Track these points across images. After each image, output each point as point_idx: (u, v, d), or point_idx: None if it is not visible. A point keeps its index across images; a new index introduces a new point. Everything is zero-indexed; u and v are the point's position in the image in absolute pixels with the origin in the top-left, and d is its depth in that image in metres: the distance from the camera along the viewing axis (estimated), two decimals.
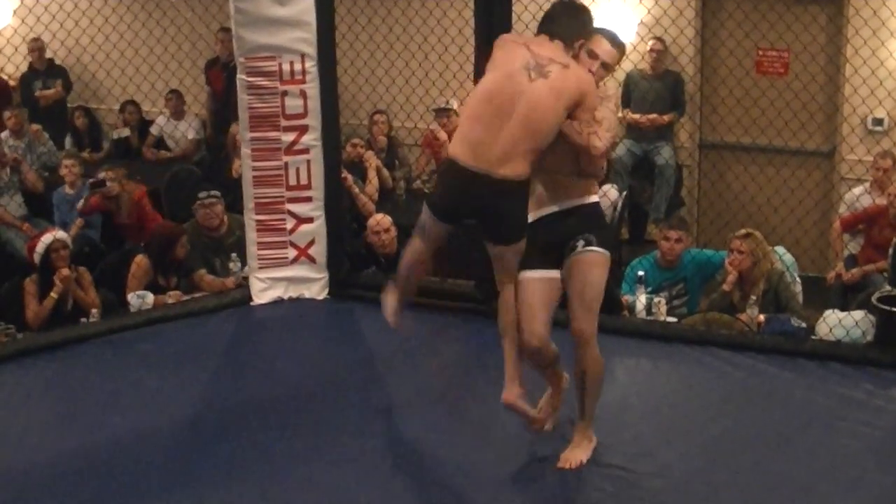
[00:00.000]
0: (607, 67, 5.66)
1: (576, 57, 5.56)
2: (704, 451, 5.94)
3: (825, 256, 10.39)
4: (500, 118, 5.37)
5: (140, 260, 8.59)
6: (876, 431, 6.16)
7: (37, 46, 12.73)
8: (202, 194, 8.97)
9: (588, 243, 5.65)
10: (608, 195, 10.33)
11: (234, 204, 8.85)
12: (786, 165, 10.42)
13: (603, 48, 5.61)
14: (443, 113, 11.18)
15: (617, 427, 6.22)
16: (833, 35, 10.60)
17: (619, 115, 10.74)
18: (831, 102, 10.72)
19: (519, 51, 5.47)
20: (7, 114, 11.98)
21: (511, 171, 5.38)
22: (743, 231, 8.35)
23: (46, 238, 8.52)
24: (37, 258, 8.47)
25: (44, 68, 13.01)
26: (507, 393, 5.75)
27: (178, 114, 12.46)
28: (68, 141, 12.62)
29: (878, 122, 10.50)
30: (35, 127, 12.01)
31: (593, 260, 5.66)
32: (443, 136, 11.21)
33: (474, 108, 5.53)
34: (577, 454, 5.84)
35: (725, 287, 8.23)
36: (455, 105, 10.96)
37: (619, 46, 5.70)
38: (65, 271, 8.34)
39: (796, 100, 9.86)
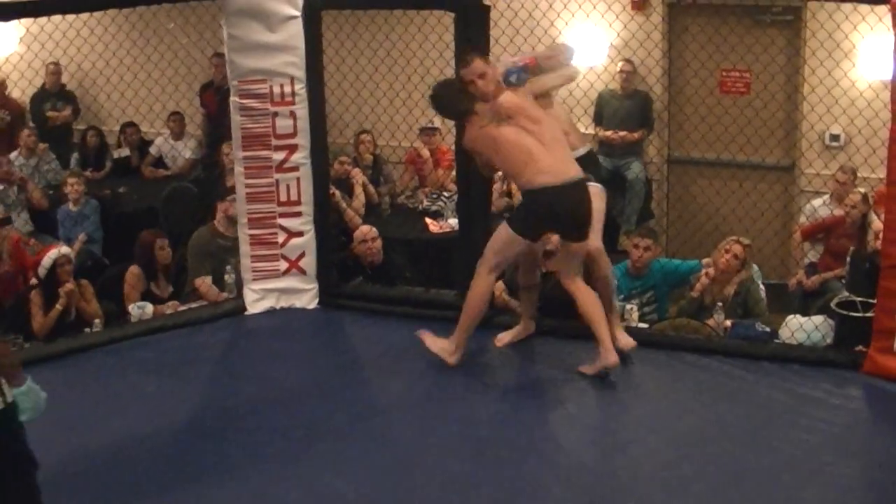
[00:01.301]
0: (481, 77, 6.69)
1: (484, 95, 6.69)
2: (674, 446, 5.99)
3: (786, 264, 10.42)
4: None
5: (132, 269, 8.63)
6: (834, 427, 6.21)
7: (55, 70, 12.76)
8: (230, 198, 8.97)
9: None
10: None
11: None
12: (748, 179, 10.46)
13: (464, 75, 6.76)
14: (427, 131, 11.21)
15: (591, 425, 6.28)
16: (791, 56, 10.64)
17: (591, 131, 10.92)
18: (790, 119, 10.75)
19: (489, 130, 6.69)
20: (26, 132, 12.03)
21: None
22: (747, 240, 8.40)
23: (52, 253, 8.54)
24: (42, 272, 8.48)
25: (55, 91, 13.04)
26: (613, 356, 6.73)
27: (178, 134, 12.47)
28: (74, 160, 12.61)
29: (835, 137, 10.52)
30: (42, 145, 12.04)
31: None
32: (426, 153, 11.25)
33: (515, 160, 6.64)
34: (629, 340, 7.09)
35: (694, 293, 8.24)
36: (438, 124, 10.99)
37: (466, 63, 6.77)
38: (69, 285, 8.35)
39: (757, 117, 9.91)
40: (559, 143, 6.68)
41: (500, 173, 8.06)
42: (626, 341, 7.11)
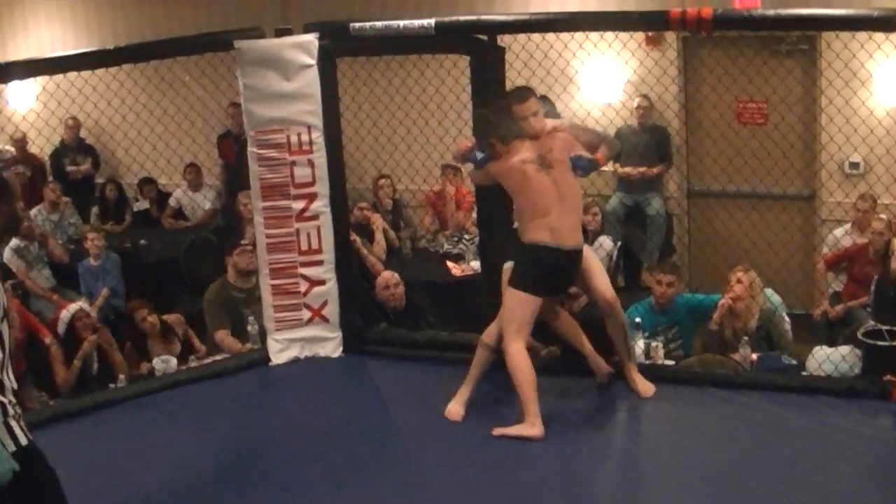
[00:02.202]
0: (535, 115, 6.83)
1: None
2: (704, 484, 5.91)
3: (810, 294, 10.39)
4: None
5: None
6: (867, 459, 6.14)
7: (74, 125, 12.87)
8: (244, 241, 8.99)
9: None
10: (603, 246, 10.40)
11: None
12: (769, 210, 10.45)
13: (519, 111, 6.85)
14: (450, 170, 11.23)
15: (620, 463, 6.24)
16: (808, 85, 10.64)
17: (610, 168, 10.94)
18: (809, 149, 10.75)
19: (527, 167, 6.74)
20: (50, 186, 12.11)
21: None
22: (742, 266, 8.38)
23: (71, 308, 8.72)
24: (61, 327, 8.56)
25: (75, 145, 13.13)
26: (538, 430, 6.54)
27: (196, 185, 12.53)
28: (94, 212, 12.68)
29: (855, 165, 10.52)
30: (65, 199, 12.11)
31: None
32: (451, 189, 11.27)
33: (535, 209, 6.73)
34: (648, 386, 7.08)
35: (712, 325, 8.22)
36: (459, 165, 11.02)
37: (523, 99, 6.86)
38: (92, 337, 8.41)
39: (776, 147, 9.88)
40: (574, 211, 6.83)
41: None
42: (646, 387, 7.09)
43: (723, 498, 5.78)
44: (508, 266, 6.93)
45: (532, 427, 6.48)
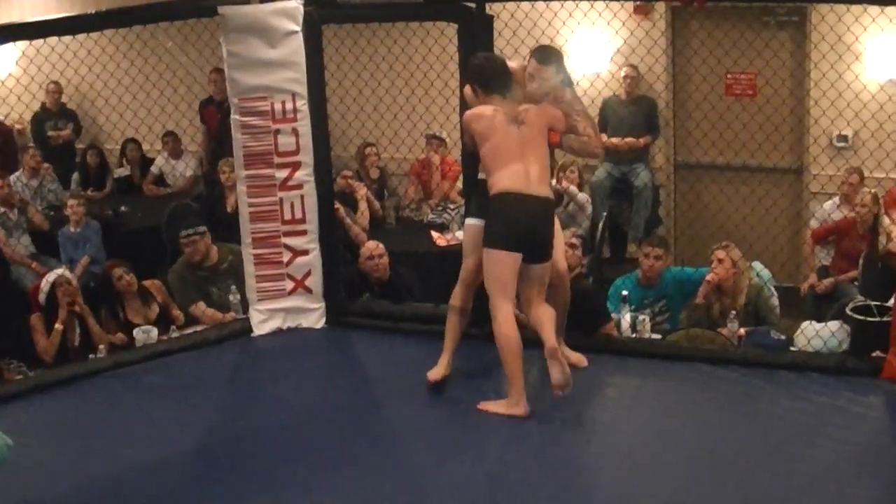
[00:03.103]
0: (544, 81, 6.63)
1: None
2: (691, 464, 5.84)
3: (797, 267, 10.35)
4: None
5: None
6: (857, 437, 6.08)
7: (55, 89, 12.74)
8: (183, 233, 8.87)
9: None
10: (578, 202, 10.37)
11: (232, 236, 8.75)
12: (757, 182, 10.39)
13: (534, 68, 6.67)
14: (434, 140, 11.13)
15: (608, 444, 6.16)
16: (798, 56, 10.57)
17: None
18: (798, 122, 10.68)
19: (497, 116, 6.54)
20: (30, 152, 12.00)
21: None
22: (721, 243, 8.32)
23: (49, 276, 8.63)
24: (42, 297, 8.50)
25: (56, 110, 13.02)
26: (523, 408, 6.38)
27: (175, 153, 12.43)
28: (74, 180, 12.57)
29: (843, 138, 10.45)
30: (46, 165, 12.00)
31: None
32: (436, 159, 11.20)
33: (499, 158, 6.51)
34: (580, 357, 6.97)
35: (698, 300, 8.17)
36: (444, 136, 10.94)
37: (544, 61, 6.67)
38: (68, 299, 8.35)
39: (765, 120, 9.82)
40: (541, 165, 6.53)
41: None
42: (578, 358, 7.00)
43: (710, 476, 5.70)
44: (472, 223, 6.78)
45: (516, 405, 6.35)
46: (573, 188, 10.37)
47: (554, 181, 7.15)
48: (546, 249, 6.53)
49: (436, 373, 6.80)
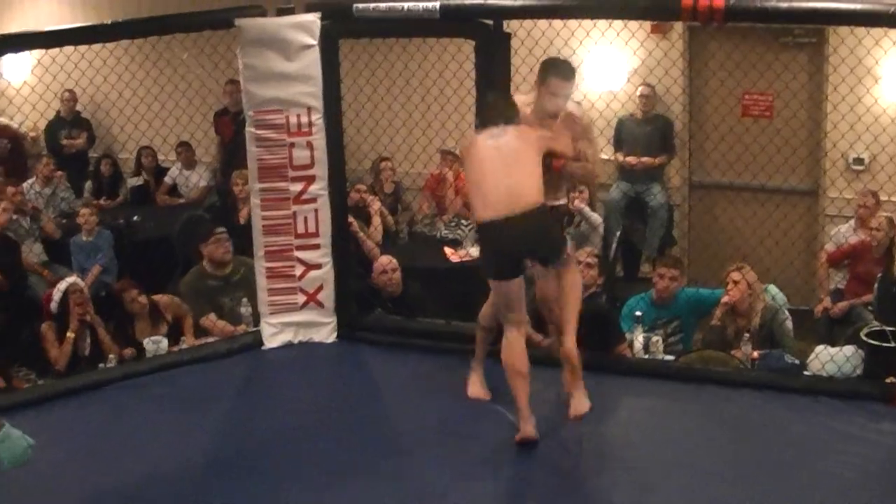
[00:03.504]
0: (565, 98, 6.53)
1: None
2: (705, 488, 5.82)
3: (811, 289, 10.30)
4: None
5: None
6: (870, 465, 6.05)
7: (70, 97, 12.75)
8: (218, 229, 8.90)
9: None
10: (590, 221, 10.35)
11: (243, 248, 8.74)
12: (771, 203, 10.34)
13: (557, 86, 6.48)
14: (449, 155, 11.10)
15: (620, 464, 6.15)
16: (816, 78, 10.54)
17: (612, 157, 10.84)
18: (815, 143, 10.64)
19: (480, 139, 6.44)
20: (44, 160, 12.05)
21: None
22: (736, 264, 8.28)
23: (61, 285, 8.60)
24: (54, 306, 8.48)
25: (70, 119, 13.02)
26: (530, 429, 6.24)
27: (189, 164, 12.42)
28: (88, 188, 12.57)
29: (860, 161, 10.41)
30: (59, 173, 12.02)
31: None
32: (450, 175, 11.16)
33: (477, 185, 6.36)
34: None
35: (714, 321, 8.14)
36: (458, 151, 10.91)
37: (568, 77, 6.52)
38: (79, 309, 8.33)
39: (782, 141, 9.80)
40: (512, 176, 6.26)
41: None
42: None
43: (722, 498, 5.70)
44: None
45: (522, 429, 6.28)
46: (586, 209, 10.35)
47: (563, 200, 6.98)
48: (549, 250, 6.46)
49: (479, 392, 6.88)
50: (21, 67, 12.82)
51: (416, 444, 6.42)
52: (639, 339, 7.94)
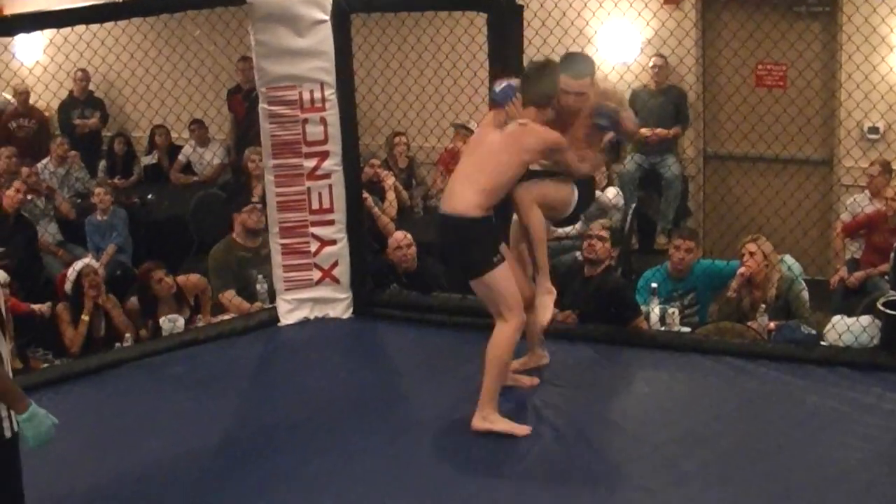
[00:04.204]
0: (580, 95, 6.14)
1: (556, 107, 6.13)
2: (721, 459, 5.81)
3: (826, 259, 10.27)
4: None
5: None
6: (888, 434, 6.02)
7: (83, 77, 12.74)
8: (254, 199, 8.97)
9: None
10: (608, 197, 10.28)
11: None
12: (788, 175, 10.31)
13: (567, 84, 6.10)
14: (462, 129, 11.06)
15: (637, 438, 6.12)
16: (830, 48, 10.48)
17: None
18: (830, 113, 10.59)
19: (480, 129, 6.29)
20: (58, 140, 12.05)
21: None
22: (752, 235, 8.25)
23: (76, 265, 8.62)
24: (68, 287, 8.48)
25: (84, 98, 13.00)
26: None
27: (202, 141, 12.39)
28: (102, 166, 12.56)
29: (875, 130, 10.36)
30: (73, 153, 12.02)
31: None
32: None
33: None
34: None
35: (730, 293, 8.11)
36: (473, 125, 10.88)
37: (579, 76, 6.14)
38: (92, 292, 8.33)
39: (796, 111, 9.74)
40: (475, 180, 6.04)
41: None
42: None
43: (740, 469, 5.68)
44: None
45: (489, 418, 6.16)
46: (603, 194, 10.27)
47: None
48: (459, 267, 6.36)
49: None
50: (33, 47, 12.82)
51: (435, 424, 6.38)
52: (655, 311, 7.92)
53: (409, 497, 5.63)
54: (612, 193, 10.40)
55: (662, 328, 7.80)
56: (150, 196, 11.76)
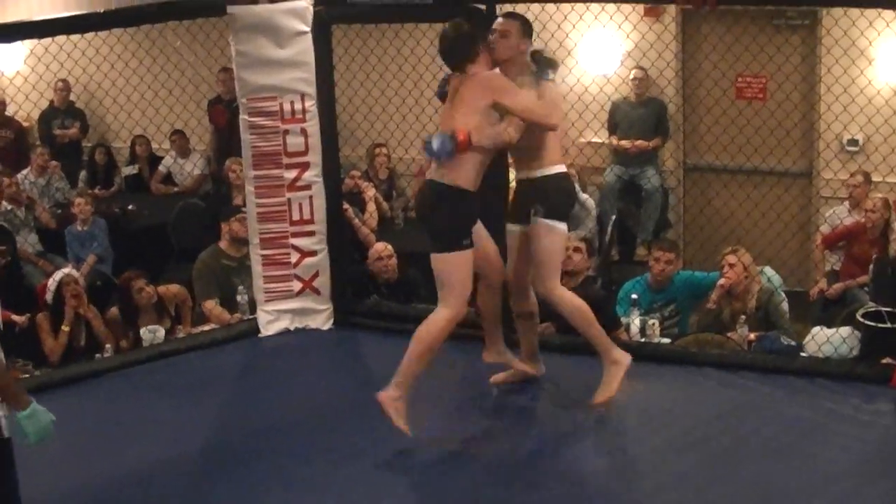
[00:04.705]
0: (505, 34, 6.25)
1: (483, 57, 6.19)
2: (701, 470, 5.83)
3: (806, 271, 10.30)
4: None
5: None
6: (865, 446, 6.06)
7: (63, 87, 12.74)
8: (244, 208, 8.88)
9: (537, 213, 6.21)
10: (586, 206, 10.29)
11: None
12: (767, 186, 10.34)
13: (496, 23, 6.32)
14: None
15: (615, 449, 6.16)
16: (809, 60, 10.53)
17: (606, 141, 10.83)
18: (809, 125, 10.64)
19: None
20: (38, 150, 12.06)
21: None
22: (731, 247, 8.28)
23: (56, 275, 8.61)
24: (49, 297, 8.48)
25: (64, 108, 13.01)
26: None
27: (183, 152, 12.40)
28: (82, 177, 12.56)
29: (854, 142, 10.41)
30: (53, 163, 12.00)
31: (539, 230, 6.21)
32: None
33: None
34: (605, 391, 6.32)
35: (710, 304, 8.14)
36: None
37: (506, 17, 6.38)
38: (73, 301, 8.32)
39: (776, 123, 9.77)
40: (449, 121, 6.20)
41: None
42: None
43: (718, 484, 5.69)
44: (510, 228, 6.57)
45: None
46: (582, 194, 10.31)
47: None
48: (430, 235, 6.28)
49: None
50: (14, 57, 12.81)
51: (413, 429, 6.38)
52: (635, 322, 7.94)
53: (392, 500, 5.69)
54: (583, 197, 10.37)
55: (643, 339, 7.81)
56: (130, 206, 11.75)
